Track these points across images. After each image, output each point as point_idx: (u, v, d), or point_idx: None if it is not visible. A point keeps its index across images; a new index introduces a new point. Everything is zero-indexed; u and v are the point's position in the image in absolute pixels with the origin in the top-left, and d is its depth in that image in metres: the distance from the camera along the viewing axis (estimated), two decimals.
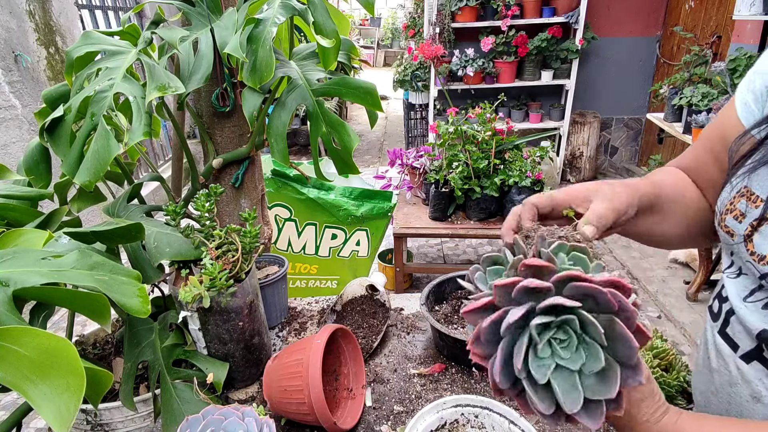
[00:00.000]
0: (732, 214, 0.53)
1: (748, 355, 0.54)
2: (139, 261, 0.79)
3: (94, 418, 0.74)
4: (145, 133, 0.74)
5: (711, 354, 0.61)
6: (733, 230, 0.52)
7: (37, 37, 2.91)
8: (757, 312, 0.51)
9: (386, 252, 2.95)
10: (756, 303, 0.51)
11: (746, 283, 0.53)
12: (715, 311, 0.61)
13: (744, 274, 0.54)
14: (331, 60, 0.87)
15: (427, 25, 3.93)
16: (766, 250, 0.48)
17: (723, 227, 0.55)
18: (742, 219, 0.51)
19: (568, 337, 0.40)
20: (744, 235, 0.50)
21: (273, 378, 0.79)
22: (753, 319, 0.51)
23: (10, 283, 0.51)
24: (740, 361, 0.55)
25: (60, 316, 2.61)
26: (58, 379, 0.43)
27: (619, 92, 4.36)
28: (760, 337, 0.50)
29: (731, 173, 0.53)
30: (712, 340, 0.61)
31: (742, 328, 0.54)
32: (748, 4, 2.49)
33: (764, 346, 0.51)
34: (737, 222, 0.52)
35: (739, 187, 0.52)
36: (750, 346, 0.54)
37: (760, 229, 0.48)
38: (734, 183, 0.53)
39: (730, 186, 0.53)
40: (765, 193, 0.48)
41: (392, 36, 11.21)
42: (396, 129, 6.52)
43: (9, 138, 2.66)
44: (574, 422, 0.40)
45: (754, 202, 0.50)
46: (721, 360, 0.59)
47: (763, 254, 0.48)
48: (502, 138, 2.09)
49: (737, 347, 0.56)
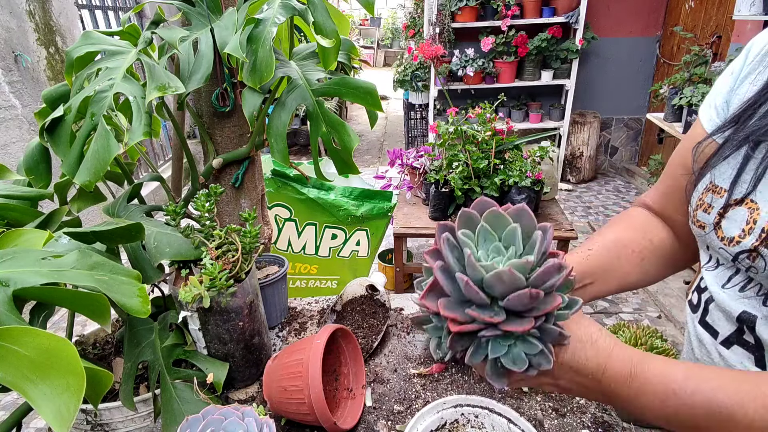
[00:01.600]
0: (701, 208, 0.59)
1: (728, 341, 0.59)
2: (139, 261, 0.79)
3: (94, 418, 0.74)
4: (145, 133, 0.74)
5: (694, 345, 0.66)
6: (704, 222, 0.58)
7: (37, 37, 2.91)
8: (735, 295, 0.56)
9: (386, 252, 2.95)
10: (734, 287, 0.57)
11: (723, 272, 0.59)
12: (694, 303, 0.66)
13: (721, 264, 0.60)
14: (331, 60, 0.87)
15: (427, 25, 3.93)
16: (733, 232, 0.54)
17: (696, 222, 0.60)
18: (711, 210, 0.57)
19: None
20: (713, 223, 0.57)
21: (273, 378, 0.79)
22: (732, 302, 0.56)
23: (10, 283, 0.51)
24: (721, 347, 0.59)
25: (60, 316, 2.61)
26: (58, 379, 0.43)
27: (619, 92, 4.36)
28: (740, 318, 0.55)
29: (699, 175, 0.60)
30: (693, 331, 0.65)
31: (722, 314, 0.59)
32: (748, 4, 2.49)
33: (745, 328, 0.55)
34: (706, 214, 0.58)
35: (705, 183, 0.59)
36: (730, 331, 0.58)
37: (727, 215, 0.55)
38: (703, 180, 0.60)
39: (701, 183, 0.60)
40: (726, 184, 0.56)
41: (392, 36, 11.21)
42: (396, 129, 6.52)
43: (9, 138, 2.66)
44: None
45: (718, 193, 0.57)
46: (704, 349, 0.63)
47: (731, 236, 0.54)
48: (502, 138, 2.09)
49: (717, 334, 0.60)
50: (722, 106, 0.61)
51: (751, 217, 0.52)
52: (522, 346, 0.48)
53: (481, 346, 0.49)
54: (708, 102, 0.63)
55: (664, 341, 1.94)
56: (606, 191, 4.29)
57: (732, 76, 0.60)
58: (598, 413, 0.81)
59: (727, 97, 0.60)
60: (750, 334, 0.55)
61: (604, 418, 0.80)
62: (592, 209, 3.93)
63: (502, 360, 0.48)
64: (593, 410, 0.82)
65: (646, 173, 4.12)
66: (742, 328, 0.56)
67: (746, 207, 0.53)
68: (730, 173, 0.55)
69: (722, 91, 0.61)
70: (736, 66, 0.60)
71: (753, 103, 0.55)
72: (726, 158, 0.56)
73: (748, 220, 0.53)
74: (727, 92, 0.60)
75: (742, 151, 0.54)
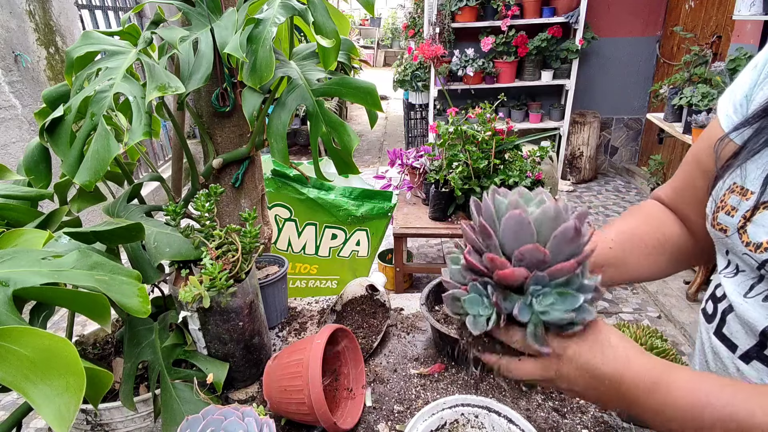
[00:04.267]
0: (723, 210, 0.55)
1: (747, 355, 0.54)
2: (139, 261, 0.79)
3: (94, 418, 0.74)
4: (145, 133, 0.74)
5: (708, 357, 0.62)
6: (726, 225, 0.55)
7: (37, 37, 2.91)
8: (758, 306, 0.52)
9: (386, 252, 2.95)
10: (756, 297, 0.52)
11: (745, 280, 0.54)
12: (709, 312, 0.61)
13: (742, 271, 0.55)
14: (331, 60, 0.87)
15: (427, 25, 3.93)
16: (761, 237, 0.50)
17: (716, 225, 0.57)
18: (734, 213, 0.53)
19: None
20: (737, 227, 0.53)
21: (273, 378, 0.79)
22: (755, 314, 0.52)
23: (10, 283, 0.51)
24: (739, 362, 0.55)
25: (60, 316, 2.61)
26: (58, 379, 0.43)
27: (619, 92, 4.36)
28: (765, 333, 0.51)
29: (720, 174, 0.56)
30: (708, 342, 0.61)
31: (741, 327, 0.55)
32: (748, 4, 2.49)
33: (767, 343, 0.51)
34: (729, 217, 0.54)
35: (728, 185, 0.55)
36: (749, 345, 0.54)
37: (753, 219, 0.51)
38: (724, 181, 0.56)
39: (721, 184, 0.56)
40: (755, 186, 0.51)
41: (392, 36, 11.21)
42: (396, 129, 6.52)
43: (9, 138, 2.66)
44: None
45: (744, 195, 0.52)
46: (719, 362, 0.59)
47: (759, 242, 0.50)
48: (502, 138, 2.09)
49: (735, 347, 0.56)
50: (741, 102, 0.57)
51: None
52: (563, 302, 0.47)
53: (527, 303, 0.48)
54: (727, 97, 0.60)
55: (664, 341, 1.94)
56: (606, 191, 4.29)
57: (756, 69, 0.56)
58: (598, 413, 0.81)
59: (749, 93, 0.56)
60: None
61: (604, 418, 0.80)
62: (592, 209, 3.93)
63: (551, 312, 0.47)
64: (593, 410, 0.82)
65: (646, 173, 4.12)
66: (764, 342, 0.52)
67: None
68: (759, 173, 0.51)
69: (744, 86, 0.57)
70: (760, 59, 0.56)
71: None
72: (752, 158, 0.52)
73: None
74: (749, 87, 0.56)
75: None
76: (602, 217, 3.80)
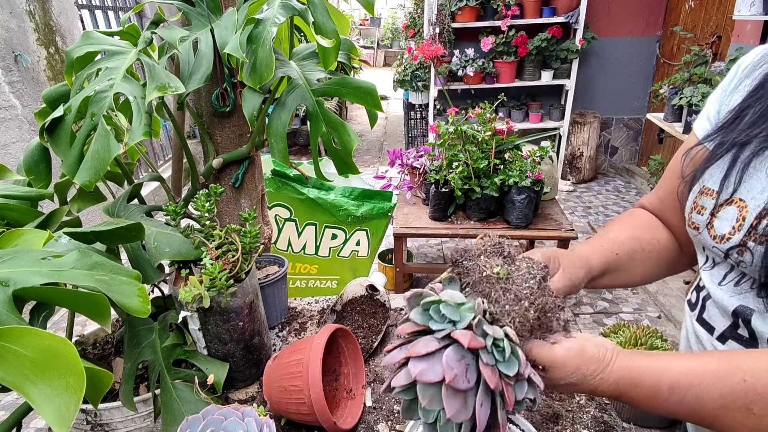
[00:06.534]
0: (696, 210, 0.63)
1: (723, 336, 0.61)
2: (139, 261, 0.79)
3: (94, 418, 0.74)
4: (145, 133, 0.74)
5: (691, 341, 0.68)
6: (698, 223, 0.62)
7: (37, 37, 2.91)
8: (730, 291, 0.60)
9: (386, 252, 2.95)
10: (728, 284, 0.60)
11: (719, 271, 0.62)
12: (693, 302, 0.69)
13: (717, 264, 0.63)
14: (331, 60, 0.87)
15: (427, 25, 3.93)
16: (724, 230, 0.58)
17: (691, 225, 0.64)
18: (704, 211, 0.62)
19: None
20: (706, 224, 0.61)
21: (273, 378, 0.79)
22: (728, 297, 0.60)
23: (10, 283, 0.51)
24: (717, 342, 0.62)
25: (60, 316, 2.61)
26: (58, 379, 0.43)
27: (619, 92, 4.36)
28: (736, 313, 0.58)
29: (692, 180, 0.64)
30: (691, 329, 0.68)
31: (717, 311, 0.62)
32: (748, 4, 2.49)
33: (740, 321, 0.58)
34: (700, 215, 0.62)
35: (699, 187, 0.63)
36: (725, 326, 0.61)
37: (718, 215, 0.59)
38: (696, 185, 0.64)
39: (696, 188, 0.64)
40: (716, 185, 0.60)
41: (392, 36, 11.20)
42: (396, 129, 6.52)
43: (9, 138, 2.66)
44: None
45: (710, 195, 0.61)
46: (700, 345, 0.66)
47: (722, 234, 0.58)
48: (502, 138, 2.09)
49: (713, 330, 0.63)
50: (714, 116, 0.66)
51: (740, 215, 0.56)
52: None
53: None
54: (702, 114, 0.68)
55: (664, 341, 1.94)
56: (606, 191, 4.29)
57: (723, 89, 0.66)
58: (597, 413, 0.81)
59: (719, 108, 0.65)
60: (744, 328, 0.58)
61: (604, 418, 0.80)
62: (592, 209, 3.93)
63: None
64: (593, 410, 0.82)
65: (646, 173, 4.11)
66: (737, 323, 0.59)
67: (735, 206, 0.57)
68: (719, 175, 0.60)
69: (714, 103, 0.66)
70: (726, 80, 0.66)
71: (739, 109, 0.60)
72: (715, 162, 0.61)
73: (737, 218, 0.56)
74: (718, 104, 0.66)
75: (729, 154, 0.59)
76: (602, 217, 3.80)
